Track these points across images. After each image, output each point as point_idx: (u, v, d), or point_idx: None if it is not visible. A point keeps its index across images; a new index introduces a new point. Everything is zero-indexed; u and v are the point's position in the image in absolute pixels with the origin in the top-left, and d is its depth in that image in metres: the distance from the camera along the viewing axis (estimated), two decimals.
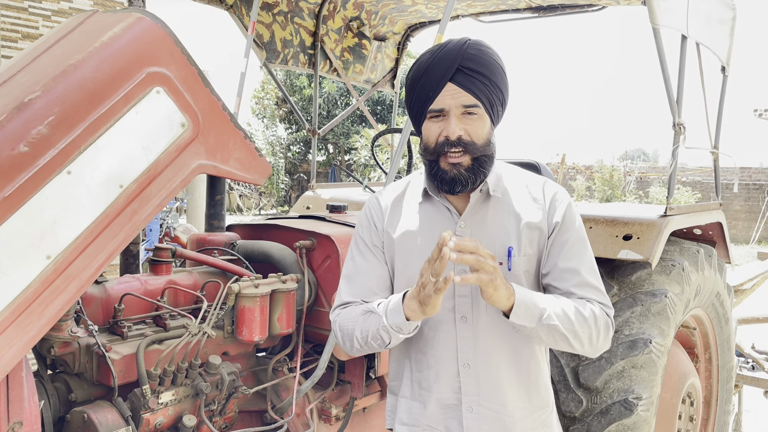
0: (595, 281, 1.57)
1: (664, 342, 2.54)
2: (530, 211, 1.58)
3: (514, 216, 1.58)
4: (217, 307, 1.94)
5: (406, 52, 4.41)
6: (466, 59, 1.49)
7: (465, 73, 1.49)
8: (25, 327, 1.40)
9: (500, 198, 1.60)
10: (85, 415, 1.67)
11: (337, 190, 4.07)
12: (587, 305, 1.52)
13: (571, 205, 1.60)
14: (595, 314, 1.51)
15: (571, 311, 1.48)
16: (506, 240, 1.56)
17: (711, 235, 3.27)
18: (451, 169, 1.52)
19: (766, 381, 3.96)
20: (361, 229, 1.71)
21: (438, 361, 1.62)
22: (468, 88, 1.49)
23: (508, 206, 1.59)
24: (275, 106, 23.03)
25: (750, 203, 18.67)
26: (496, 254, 1.52)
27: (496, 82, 1.52)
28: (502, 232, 1.57)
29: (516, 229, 1.57)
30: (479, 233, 1.57)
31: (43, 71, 1.55)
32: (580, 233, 1.59)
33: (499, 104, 1.55)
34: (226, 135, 1.78)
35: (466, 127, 1.51)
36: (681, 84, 2.64)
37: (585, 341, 1.51)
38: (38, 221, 1.41)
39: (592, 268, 1.58)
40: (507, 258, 1.54)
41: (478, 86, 1.50)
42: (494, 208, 1.59)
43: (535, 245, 1.57)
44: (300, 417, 2.20)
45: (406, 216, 1.66)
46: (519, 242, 1.56)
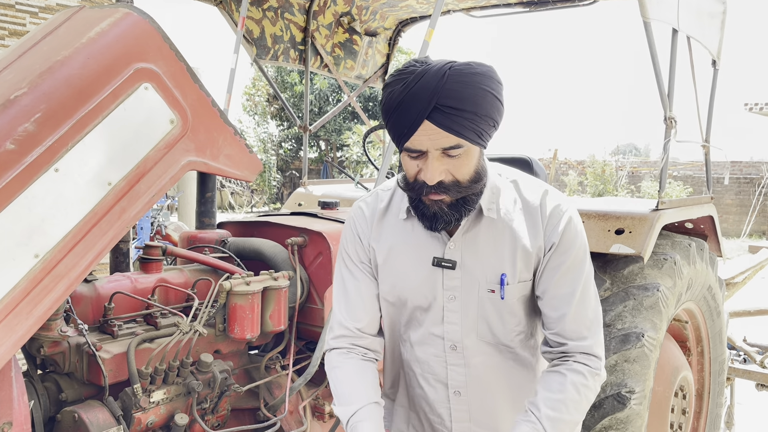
0: (584, 316, 1.41)
1: (656, 336, 2.54)
2: (527, 231, 1.42)
3: (509, 238, 1.42)
4: (208, 305, 1.93)
5: (397, 48, 4.39)
6: (444, 96, 1.25)
7: (443, 111, 1.25)
8: (13, 327, 1.39)
9: (494, 218, 1.43)
10: (75, 414, 1.65)
11: (328, 186, 4.06)
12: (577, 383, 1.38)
13: (571, 221, 1.42)
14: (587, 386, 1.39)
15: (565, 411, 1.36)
16: (499, 266, 1.42)
17: (702, 228, 3.28)
18: (432, 205, 1.37)
19: (757, 374, 3.98)
20: (347, 243, 1.58)
21: (429, 383, 1.53)
22: (448, 128, 1.26)
23: (503, 227, 1.43)
24: (266, 102, 22.96)
25: (741, 197, 18.78)
26: (487, 280, 1.43)
27: (484, 113, 1.28)
28: (495, 257, 1.43)
29: (511, 252, 1.42)
30: (470, 256, 1.43)
31: (30, 68, 1.53)
32: (577, 256, 1.42)
33: (488, 129, 1.32)
34: (215, 131, 1.76)
35: (448, 167, 1.32)
36: (672, 78, 2.64)
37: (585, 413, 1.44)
38: (26, 219, 1.40)
39: (585, 296, 1.42)
40: (500, 286, 1.41)
41: (461, 123, 1.26)
42: (487, 228, 1.43)
43: (532, 269, 1.43)
44: (293, 414, 2.19)
45: (391, 233, 1.51)
46: (514, 268, 1.41)
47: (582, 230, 1.45)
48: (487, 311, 1.44)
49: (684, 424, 3.02)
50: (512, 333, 1.47)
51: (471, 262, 1.43)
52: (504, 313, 1.44)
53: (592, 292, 1.45)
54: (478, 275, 1.43)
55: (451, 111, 1.25)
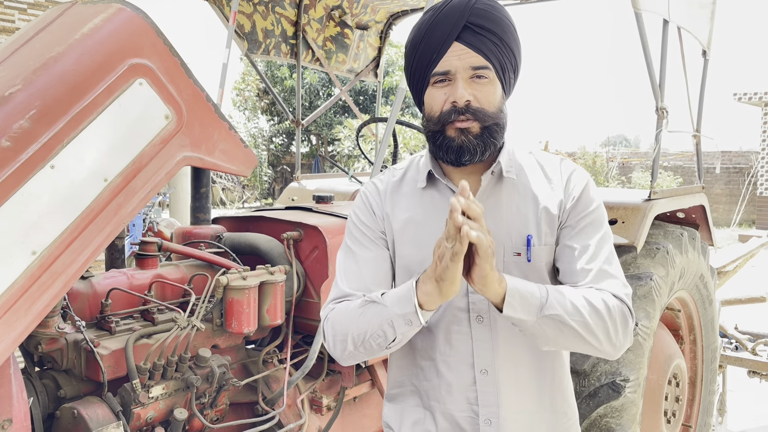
0: (610, 268, 1.36)
1: (650, 324, 2.57)
2: (548, 193, 1.40)
3: (531, 200, 1.40)
4: (205, 300, 1.93)
5: (388, 41, 4.39)
6: (475, 15, 1.31)
7: (473, 31, 1.31)
8: (11, 324, 1.39)
9: (515, 179, 1.41)
10: (75, 411, 1.66)
11: (322, 180, 4.06)
12: (598, 295, 1.30)
13: (589, 184, 1.41)
14: (608, 305, 1.29)
15: (579, 301, 1.28)
16: (524, 228, 1.38)
17: (694, 218, 3.30)
18: (459, 135, 1.34)
19: (749, 361, 4.02)
20: (357, 217, 1.51)
21: (450, 368, 1.42)
22: (477, 48, 1.31)
23: (524, 189, 1.41)
24: (256, 97, 22.88)
25: (731, 186, 18.90)
26: (513, 243, 1.38)
27: (508, 43, 1.34)
28: (520, 219, 1.39)
29: (534, 214, 1.39)
30: (493, 220, 1.38)
31: (24, 65, 1.53)
32: (596, 216, 1.39)
33: (511, 70, 1.37)
34: (210, 126, 1.76)
35: (475, 92, 1.33)
36: (663, 69, 2.66)
37: (601, 336, 1.29)
38: (22, 217, 1.40)
39: (607, 253, 1.37)
40: (526, 248, 1.37)
41: (489, 46, 1.32)
42: (509, 191, 1.41)
43: (555, 232, 1.40)
44: (291, 408, 2.20)
45: (407, 203, 1.46)
46: (539, 230, 1.38)
47: (598, 194, 1.43)
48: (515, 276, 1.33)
49: (677, 411, 3.05)
50: None
51: (495, 227, 1.37)
52: (531, 278, 1.36)
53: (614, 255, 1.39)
54: (504, 239, 1.38)
55: (480, 30, 1.32)
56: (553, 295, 1.27)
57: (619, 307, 1.30)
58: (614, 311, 1.29)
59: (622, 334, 1.31)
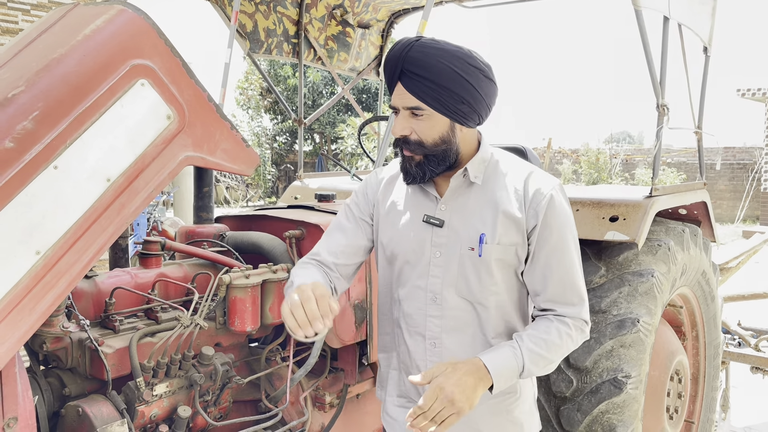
0: (570, 291, 1.58)
1: (651, 321, 2.57)
2: (509, 200, 1.58)
3: (492, 204, 1.59)
4: (208, 298, 1.94)
5: (390, 39, 4.40)
6: (408, 62, 1.49)
7: (408, 76, 1.50)
8: (17, 323, 1.40)
9: (480, 186, 1.62)
10: (79, 409, 1.67)
11: (324, 179, 4.07)
12: (559, 329, 1.55)
13: (553, 200, 1.56)
14: (569, 334, 1.56)
15: (546, 349, 1.52)
16: (481, 227, 1.58)
17: (696, 214, 3.31)
18: (404, 161, 1.61)
19: (752, 357, 4.03)
20: (354, 195, 1.80)
21: (412, 337, 1.68)
22: (411, 90, 1.51)
23: (489, 194, 1.61)
24: (259, 96, 22.90)
25: (734, 183, 18.86)
26: (469, 239, 1.58)
27: (442, 84, 1.48)
28: (478, 219, 1.59)
29: (492, 216, 1.58)
30: (457, 217, 1.61)
31: (26, 66, 1.54)
32: (561, 233, 1.57)
33: (456, 103, 1.51)
34: (212, 126, 1.77)
35: (414, 126, 1.55)
36: (664, 65, 2.66)
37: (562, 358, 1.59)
38: (26, 217, 1.41)
39: (570, 273, 1.58)
40: (478, 245, 1.57)
41: (422, 89, 1.49)
42: (475, 194, 1.62)
43: (512, 236, 1.57)
44: (294, 405, 2.21)
45: (396, 194, 1.72)
46: (494, 230, 1.57)
47: (565, 209, 1.59)
48: (467, 268, 1.59)
49: (680, 407, 3.05)
50: (487, 292, 1.60)
51: (457, 223, 1.61)
52: (481, 271, 1.58)
53: (578, 266, 1.60)
54: (462, 234, 1.60)
55: (413, 76, 1.50)
56: (528, 358, 1.50)
57: (577, 332, 1.57)
58: (574, 336, 1.57)
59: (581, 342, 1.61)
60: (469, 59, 1.52)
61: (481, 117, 1.58)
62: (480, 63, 1.53)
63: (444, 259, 1.62)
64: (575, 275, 1.58)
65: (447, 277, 1.62)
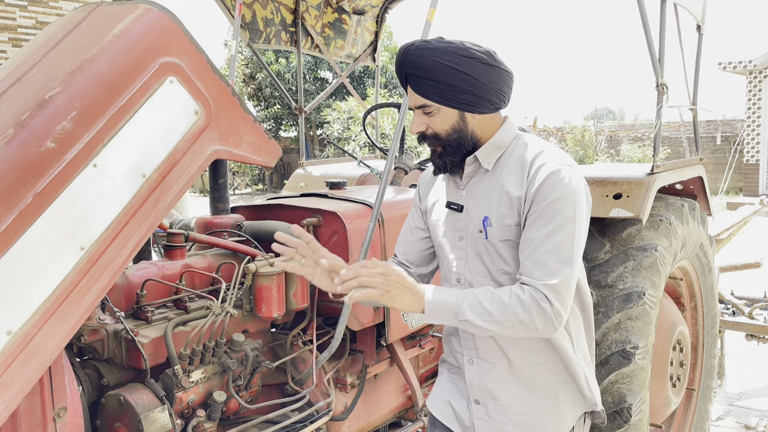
0: (549, 258, 1.54)
1: (656, 293, 2.67)
2: (514, 182, 1.64)
3: (499, 187, 1.67)
4: (234, 287, 2.00)
5: (384, 26, 4.43)
6: (408, 66, 1.63)
7: (411, 78, 1.64)
8: (65, 317, 1.46)
9: (490, 170, 1.71)
10: (121, 397, 1.73)
11: (327, 166, 4.12)
12: (512, 290, 1.55)
13: (551, 176, 1.57)
14: (520, 298, 1.53)
15: (489, 301, 1.54)
16: (487, 210, 1.67)
17: (692, 189, 3.40)
18: (431, 154, 1.75)
19: (746, 325, 4.16)
20: (415, 193, 1.96)
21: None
22: (416, 90, 1.64)
23: (497, 178, 1.68)
24: (243, 83, 22.75)
25: (717, 155, 19.10)
26: (477, 223, 1.68)
27: (440, 80, 1.59)
28: (487, 203, 1.68)
29: (498, 200, 1.66)
30: (474, 201, 1.72)
31: (59, 67, 1.58)
32: (552, 206, 1.56)
33: (458, 94, 1.61)
34: (236, 120, 1.82)
35: (427, 122, 1.68)
36: (662, 45, 2.73)
37: (516, 329, 1.55)
38: (70, 214, 1.46)
39: (553, 243, 1.55)
40: (483, 227, 1.67)
41: (424, 87, 1.62)
42: (487, 179, 1.71)
43: (515, 215, 1.62)
44: (318, 387, 2.29)
45: (436, 186, 1.87)
46: (498, 212, 1.65)
47: (566, 186, 1.57)
48: (479, 249, 1.70)
49: (682, 375, 3.17)
50: (499, 271, 1.69)
51: (472, 207, 1.72)
52: (491, 252, 1.68)
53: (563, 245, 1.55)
54: (474, 218, 1.71)
55: (414, 78, 1.63)
56: (467, 302, 1.56)
57: (531, 299, 1.53)
58: (526, 303, 1.53)
59: (540, 320, 1.53)
60: (461, 51, 1.60)
61: (492, 102, 1.65)
62: (474, 53, 1.60)
63: (464, 242, 1.73)
64: (549, 252, 1.55)
65: (467, 259, 1.73)
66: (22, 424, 1.46)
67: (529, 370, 1.71)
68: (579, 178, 1.61)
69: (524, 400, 1.71)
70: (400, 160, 3.10)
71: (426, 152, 16.01)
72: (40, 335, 1.40)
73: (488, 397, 1.74)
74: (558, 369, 1.72)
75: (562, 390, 1.72)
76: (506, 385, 1.72)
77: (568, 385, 1.73)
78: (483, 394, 1.74)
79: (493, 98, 1.65)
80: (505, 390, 1.72)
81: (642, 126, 21.60)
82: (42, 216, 1.41)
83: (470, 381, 1.76)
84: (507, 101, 1.70)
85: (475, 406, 1.76)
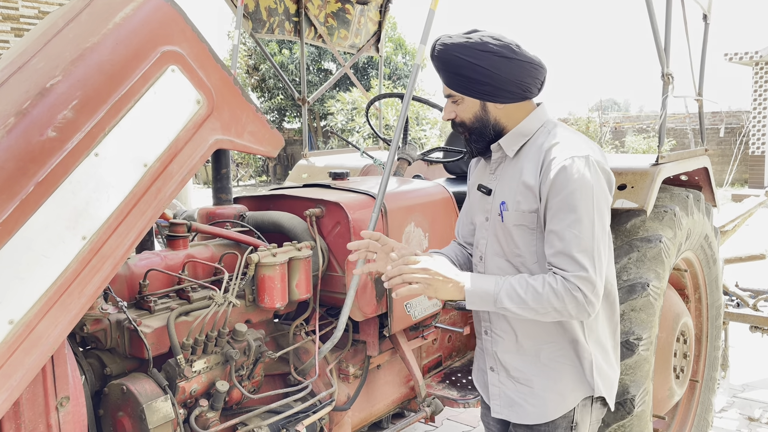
0: (573, 249, 1.63)
1: (660, 285, 2.66)
2: (530, 171, 1.74)
3: (518, 174, 1.78)
4: (237, 277, 2.00)
5: (388, 16, 4.40)
6: (435, 61, 1.78)
7: (440, 71, 1.80)
8: (67, 306, 1.46)
9: (511, 157, 1.84)
10: (123, 387, 1.73)
11: (330, 157, 4.11)
12: (545, 279, 1.65)
13: (565, 169, 1.64)
14: (553, 286, 1.63)
15: (524, 290, 1.65)
16: (506, 195, 1.80)
17: (697, 180, 3.38)
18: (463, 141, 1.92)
19: (751, 316, 4.15)
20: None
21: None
22: (445, 82, 1.81)
23: (517, 165, 1.80)
24: (246, 74, 22.71)
25: (722, 147, 19.02)
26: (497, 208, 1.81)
27: (461, 73, 1.74)
28: (507, 188, 1.81)
29: (516, 186, 1.77)
30: (499, 186, 1.84)
31: (60, 56, 1.57)
32: (568, 199, 1.64)
33: (476, 86, 1.74)
34: (238, 109, 1.81)
35: (455, 110, 1.83)
36: (668, 34, 2.71)
37: (552, 314, 1.66)
38: (72, 203, 1.45)
39: (574, 234, 1.63)
40: (500, 211, 1.81)
41: (450, 79, 1.78)
42: (512, 165, 1.83)
43: (531, 203, 1.73)
44: (321, 377, 2.29)
45: (476, 173, 2.01)
46: (514, 198, 1.77)
47: (579, 178, 1.64)
48: (498, 231, 1.83)
49: (685, 367, 3.16)
50: (512, 254, 1.81)
51: (498, 191, 1.84)
52: (506, 235, 1.80)
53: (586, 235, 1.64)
54: (496, 201, 1.84)
55: (441, 71, 1.79)
56: (504, 290, 1.67)
57: (562, 287, 1.63)
58: (558, 291, 1.63)
59: (573, 307, 1.64)
60: (477, 46, 1.72)
61: (513, 92, 1.76)
62: (491, 47, 1.72)
63: (489, 223, 1.87)
64: (572, 243, 1.64)
65: (488, 239, 1.87)
66: (24, 414, 1.46)
67: (535, 347, 1.81)
68: (593, 167, 1.67)
69: (528, 373, 1.83)
70: (404, 150, 3.09)
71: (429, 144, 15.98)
72: (42, 325, 1.40)
73: (499, 365, 1.89)
74: (564, 350, 1.81)
75: (566, 370, 1.81)
76: (512, 356, 1.85)
77: (573, 367, 1.81)
78: (496, 363, 1.90)
79: (513, 88, 1.75)
80: (511, 361, 1.86)
81: (647, 117, 21.51)
82: (43, 205, 1.41)
83: (486, 350, 1.93)
84: (535, 90, 1.80)
85: (491, 372, 1.93)
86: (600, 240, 1.66)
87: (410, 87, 2.20)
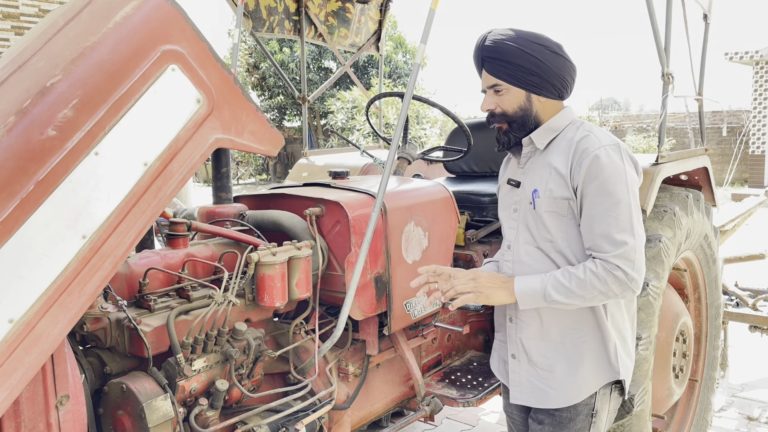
0: (612, 230, 1.75)
1: (659, 284, 2.66)
2: (561, 161, 1.86)
3: (549, 164, 1.90)
4: (237, 276, 2.00)
5: (388, 15, 4.40)
6: (486, 51, 1.88)
7: (488, 62, 1.89)
8: (67, 305, 1.46)
9: (543, 151, 1.94)
10: (123, 385, 1.73)
11: (330, 156, 4.11)
12: (586, 266, 1.77)
13: (598, 158, 1.78)
14: (593, 270, 1.75)
15: (567, 280, 1.77)
16: (537, 184, 1.91)
17: (697, 179, 3.38)
18: (496, 132, 1.98)
19: (750, 316, 4.15)
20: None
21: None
22: (490, 72, 1.89)
23: (548, 156, 1.92)
24: (246, 73, 22.70)
25: (722, 146, 19.01)
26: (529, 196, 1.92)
27: (512, 61, 1.84)
28: (538, 178, 1.92)
29: (547, 175, 1.89)
30: (529, 178, 1.95)
31: (60, 54, 1.57)
32: (603, 185, 1.77)
33: (526, 75, 1.85)
34: (239, 108, 1.81)
35: (497, 101, 1.91)
36: (668, 34, 2.71)
37: (599, 297, 1.78)
38: (72, 202, 1.46)
39: (612, 216, 1.75)
40: (532, 199, 1.91)
41: (498, 69, 1.86)
42: (541, 158, 1.94)
43: (563, 190, 1.85)
44: (321, 376, 2.29)
45: (507, 167, 2.13)
46: (546, 186, 1.88)
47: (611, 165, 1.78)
48: (528, 219, 1.93)
49: (685, 366, 3.16)
50: (543, 239, 1.90)
51: (527, 183, 1.95)
52: (537, 221, 1.90)
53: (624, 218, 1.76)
54: (527, 191, 1.94)
55: (489, 60, 1.88)
56: (551, 284, 1.79)
57: (602, 270, 1.74)
58: (599, 274, 1.74)
59: (616, 287, 1.75)
60: (532, 38, 1.85)
61: (556, 87, 1.89)
62: (544, 41, 1.86)
63: (518, 214, 1.98)
64: (610, 225, 1.75)
65: (518, 228, 1.97)
66: (24, 412, 1.46)
67: (560, 333, 1.91)
68: (623, 155, 1.82)
69: (551, 358, 1.92)
70: (404, 149, 3.09)
71: (429, 143, 15.97)
72: (42, 323, 1.41)
73: (522, 352, 1.97)
74: (589, 336, 1.90)
75: (589, 356, 1.90)
76: (536, 342, 1.94)
77: (597, 353, 1.89)
78: (518, 349, 1.98)
79: (557, 83, 1.88)
80: (535, 347, 1.94)
81: (647, 117, 21.51)
82: (43, 204, 1.41)
83: (510, 337, 2.00)
84: (569, 91, 1.92)
85: (512, 359, 2.00)
86: (637, 220, 1.78)
87: (410, 86, 2.20)
